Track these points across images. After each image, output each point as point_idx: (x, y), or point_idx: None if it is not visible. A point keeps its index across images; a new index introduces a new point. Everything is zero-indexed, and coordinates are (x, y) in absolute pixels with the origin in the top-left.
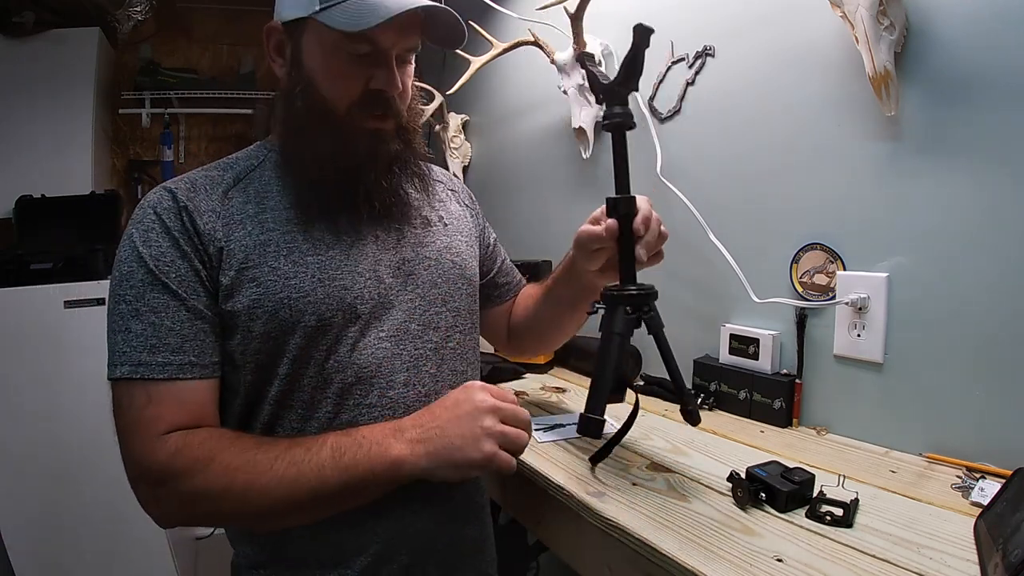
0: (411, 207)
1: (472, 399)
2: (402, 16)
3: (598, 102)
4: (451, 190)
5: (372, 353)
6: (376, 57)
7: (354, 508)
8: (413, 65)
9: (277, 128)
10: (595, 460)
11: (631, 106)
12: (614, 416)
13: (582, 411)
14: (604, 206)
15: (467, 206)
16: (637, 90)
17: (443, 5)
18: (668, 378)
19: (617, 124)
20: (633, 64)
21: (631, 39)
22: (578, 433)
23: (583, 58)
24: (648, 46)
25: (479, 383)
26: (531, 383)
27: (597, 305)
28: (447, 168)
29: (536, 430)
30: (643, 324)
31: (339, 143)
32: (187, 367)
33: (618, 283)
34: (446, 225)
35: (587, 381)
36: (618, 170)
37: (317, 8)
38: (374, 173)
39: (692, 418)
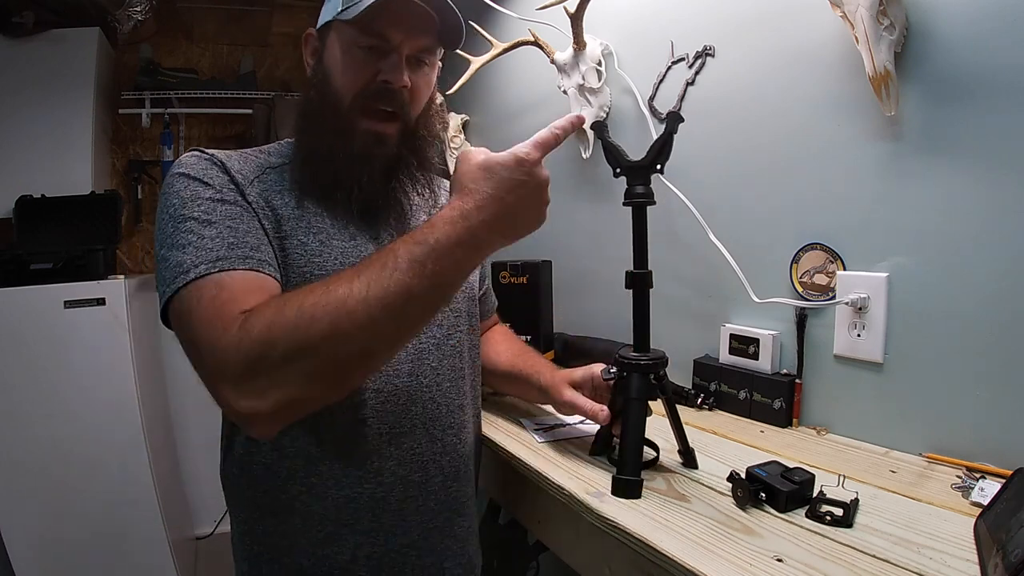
0: (408, 215)
1: (536, 178)
2: (406, 9)
3: (615, 176)
4: None
5: None
6: (386, 52)
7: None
8: (432, 72)
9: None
10: (595, 453)
11: (631, 104)
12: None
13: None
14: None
15: None
16: (662, 173)
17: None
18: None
19: (640, 204)
20: (664, 147)
21: (664, 124)
22: (613, 495)
23: (600, 129)
24: (676, 132)
25: (519, 154)
26: None
27: (612, 371)
28: (447, 167)
29: (536, 430)
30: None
31: (338, 135)
32: (265, 264)
33: (632, 348)
34: None
35: None
36: (637, 245)
37: (340, 9)
38: (367, 175)
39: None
